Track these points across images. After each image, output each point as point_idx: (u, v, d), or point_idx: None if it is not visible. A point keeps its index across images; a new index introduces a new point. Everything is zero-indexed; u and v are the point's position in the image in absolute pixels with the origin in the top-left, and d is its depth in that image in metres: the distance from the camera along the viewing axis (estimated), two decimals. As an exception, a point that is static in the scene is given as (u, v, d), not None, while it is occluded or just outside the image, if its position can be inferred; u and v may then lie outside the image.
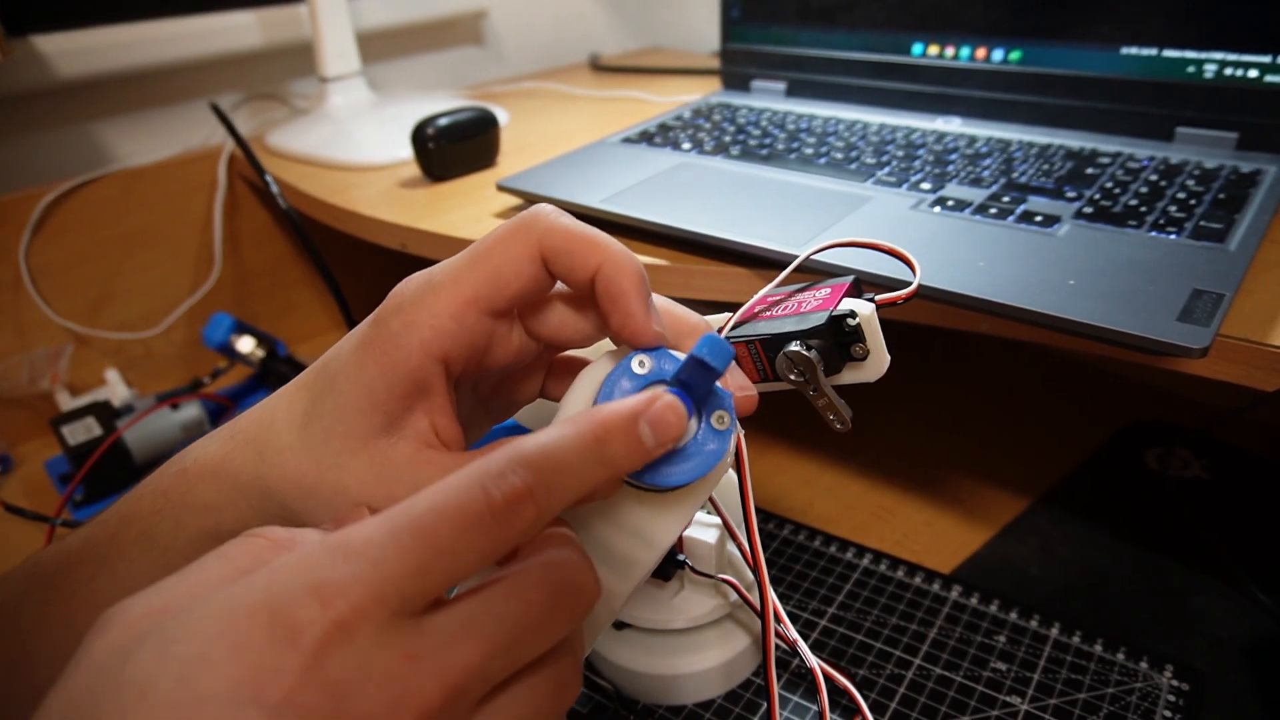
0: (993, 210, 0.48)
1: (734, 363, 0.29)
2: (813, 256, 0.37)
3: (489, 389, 0.32)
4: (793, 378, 0.32)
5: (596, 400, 0.27)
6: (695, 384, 0.26)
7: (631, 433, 0.24)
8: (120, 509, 0.30)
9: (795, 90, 0.73)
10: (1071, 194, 0.50)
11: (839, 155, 0.58)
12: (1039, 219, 0.47)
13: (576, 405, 0.28)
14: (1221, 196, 0.48)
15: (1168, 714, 0.40)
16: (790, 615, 0.47)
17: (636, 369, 0.27)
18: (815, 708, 0.41)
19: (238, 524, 0.28)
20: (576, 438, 0.22)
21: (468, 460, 0.23)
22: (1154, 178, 0.51)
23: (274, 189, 0.65)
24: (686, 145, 0.62)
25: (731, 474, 0.36)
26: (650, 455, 0.24)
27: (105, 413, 0.60)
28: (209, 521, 0.28)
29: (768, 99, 0.73)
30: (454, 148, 0.62)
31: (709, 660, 0.42)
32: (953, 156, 0.57)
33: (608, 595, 0.27)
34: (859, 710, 0.40)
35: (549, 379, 0.32)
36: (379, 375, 0.26)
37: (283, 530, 0.23)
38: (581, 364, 0.30)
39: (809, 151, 0.59)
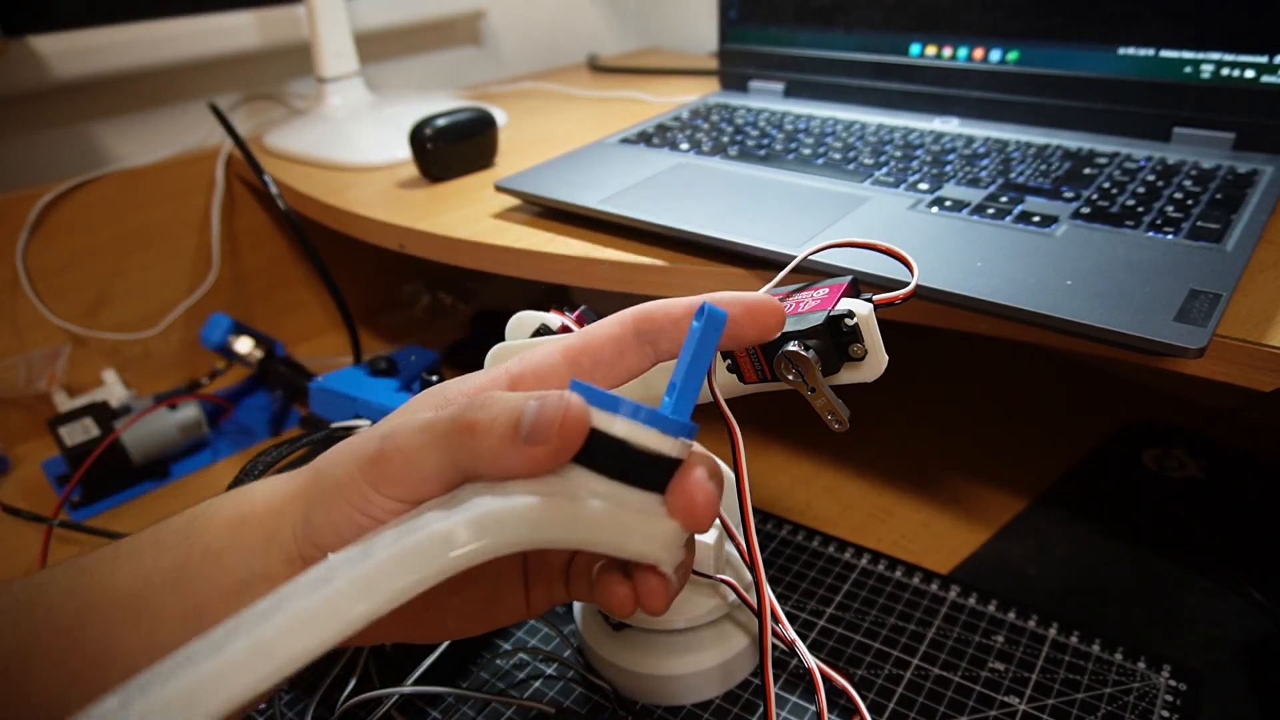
0: (990, 210, 0.48)
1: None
2: (811, 257, 0.37)
3: None
4: (790, 378, 0.32)
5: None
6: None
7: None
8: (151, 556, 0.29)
9: (793, 91, 0.73)
10: (1069, 194, 0.50)
11: (837, 156, 0.58)
12: (1036, 219, 0.47)
13: None
14: (1218, 197, 0.48)
15: (1165, 714, 0.40)
16: (788, 615, 0.47)
17: None
18: (813, 708, 0.41)
19: (265, 571, 0.28)
20: None
21: None
22: (1151, 178, 0.51)
23: (272, 189, 0.65)
24: (684, 146, 0.62)
25: (729, 474, 0.36)
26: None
27: (103, 413, 0.60)
28: (243, 570, 0.28)
29: (766, 99, 0.73)
30: (452, 148, 0.62)
31: (707, 660, 0.42)
32: (950, 157, 0.57)
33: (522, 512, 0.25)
34: (857, 710, 0.40)
35: None
36: (479, 376, 0.31)
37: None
38: None
39: (807, 152, 0.59)
